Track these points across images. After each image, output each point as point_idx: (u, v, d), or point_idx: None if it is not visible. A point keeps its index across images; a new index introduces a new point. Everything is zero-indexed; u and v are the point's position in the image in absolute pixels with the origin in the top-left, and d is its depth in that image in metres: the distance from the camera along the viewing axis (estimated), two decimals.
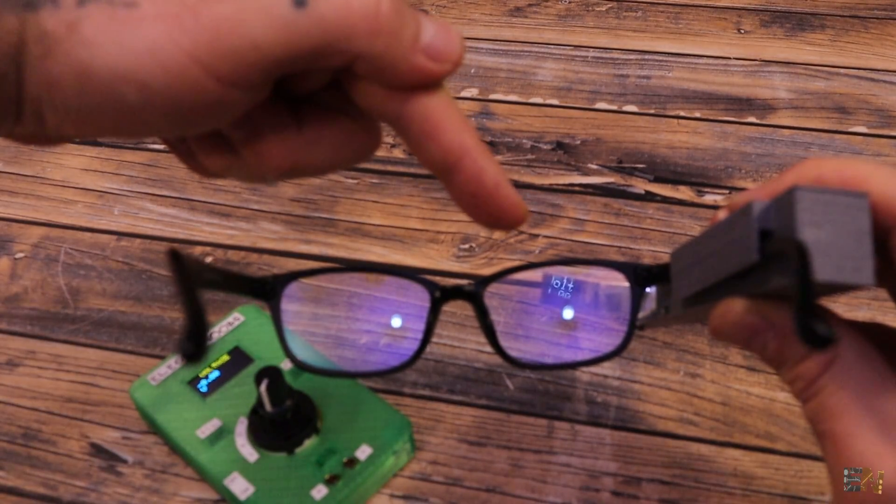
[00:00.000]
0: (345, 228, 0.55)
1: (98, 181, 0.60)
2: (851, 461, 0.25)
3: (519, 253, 0.53)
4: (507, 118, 0.65)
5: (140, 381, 0.42)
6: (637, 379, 0.45)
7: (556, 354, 0.45)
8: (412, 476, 0.41)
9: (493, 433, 0.43)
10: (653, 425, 0.43)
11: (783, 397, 0.44)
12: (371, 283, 0.50)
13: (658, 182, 0.59)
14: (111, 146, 0.63)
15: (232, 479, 0.38)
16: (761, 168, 0.60)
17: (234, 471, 0.38)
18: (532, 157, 0.61)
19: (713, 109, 0.66)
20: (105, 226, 0.56)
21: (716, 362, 0.46)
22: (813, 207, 0.24)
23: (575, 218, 0.56)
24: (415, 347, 0.35)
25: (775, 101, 0.67)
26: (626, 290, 0.33)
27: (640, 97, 0.68)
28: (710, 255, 0.28)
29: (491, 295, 0.35)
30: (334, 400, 0.41)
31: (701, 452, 0.42)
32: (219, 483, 0.38)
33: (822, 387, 0.26)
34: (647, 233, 0.54)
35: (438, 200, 0.57)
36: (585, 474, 0.41)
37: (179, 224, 0.56)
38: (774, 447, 0.42)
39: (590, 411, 0.44)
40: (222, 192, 0.58)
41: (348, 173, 0.60)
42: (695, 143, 0.63)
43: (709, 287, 0.28)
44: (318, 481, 0.38)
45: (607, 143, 0.63)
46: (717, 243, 0.27)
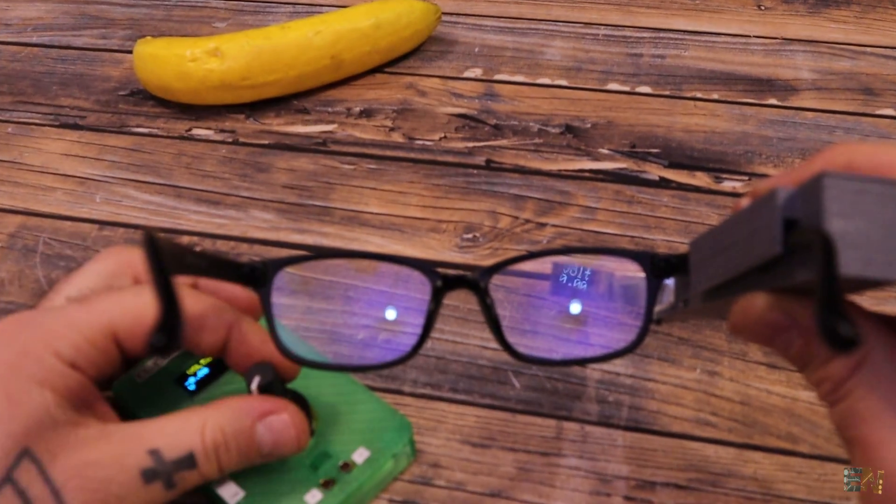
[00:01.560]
0: (341, 217, 0.55)
1: (79, 167, 0.60)
2: (883, 469, 0.25)
3: (526, 243, 0.52)
4: (512, 100, 0.65)
5: (124, 377, 0.42)
6: (651, 377, 0.45)
7: (565, 350, 0.45)
8: (412, 480, 0.41)
9: (497, 434, 0.43)
10: (668, 426, 0.43)
11: (806, 396, 0.44)
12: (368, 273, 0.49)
13: (673, 168, 0.58)
14: (92, 129, 0.63)
15: (221, 484, 0.38)
16: (783, 153, 0.60)
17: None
18: (539, 141, 0.61)
19: (732, 91, 0.66)
20: (86, 214, 0.56)
21: (734, 359, 0.45)
22: (842, 196, 0.23)
23: (585, 206, 0.55)
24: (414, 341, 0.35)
25: (798, 82, 0.66)
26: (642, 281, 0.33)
27: (654, 78, 0.67)
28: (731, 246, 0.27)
29: (496, 286, 0.35)
30: (330, 400, 0.41)
31: (719, 455, 0.41)
32: (207, 487, 0.38)
33: (850, 390, 0.26)
34: (661, 221, 0.54)
35: (440, 187, 0.57)
36: (596, 478, 0.41)
37: (165, 212, 0.56)
38: (797, 449, 0.42)
39: (601, 411, 0.43)
40: (211, 178, 0.58)
41: (345, 158, 0.59)
42: (712, 127, 0.62)
43: (729, 280, 0.28)
44: (313, 486, 0.38)
45: (619, 127, 0.62)
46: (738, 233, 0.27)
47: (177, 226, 0.55)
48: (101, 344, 0.34)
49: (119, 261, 0.39)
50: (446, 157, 0.60)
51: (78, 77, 0.69)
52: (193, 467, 0.34)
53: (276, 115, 0.64)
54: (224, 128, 0.63)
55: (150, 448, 0.33)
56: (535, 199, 0.56)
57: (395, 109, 0.64)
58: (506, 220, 0.54)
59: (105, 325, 0.35)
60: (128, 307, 0.35)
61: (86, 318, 0.34)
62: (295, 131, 0.62)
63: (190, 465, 0.34)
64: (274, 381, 0.37)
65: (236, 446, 0.35)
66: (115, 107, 0.65)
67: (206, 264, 0.32)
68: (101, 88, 0.67)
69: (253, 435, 0.35)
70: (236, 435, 0.35)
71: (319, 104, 0.65)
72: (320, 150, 0.60)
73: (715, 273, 0.29)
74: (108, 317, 0.35)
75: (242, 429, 0.35)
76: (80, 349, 0.34)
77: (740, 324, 0.28)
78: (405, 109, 0.64)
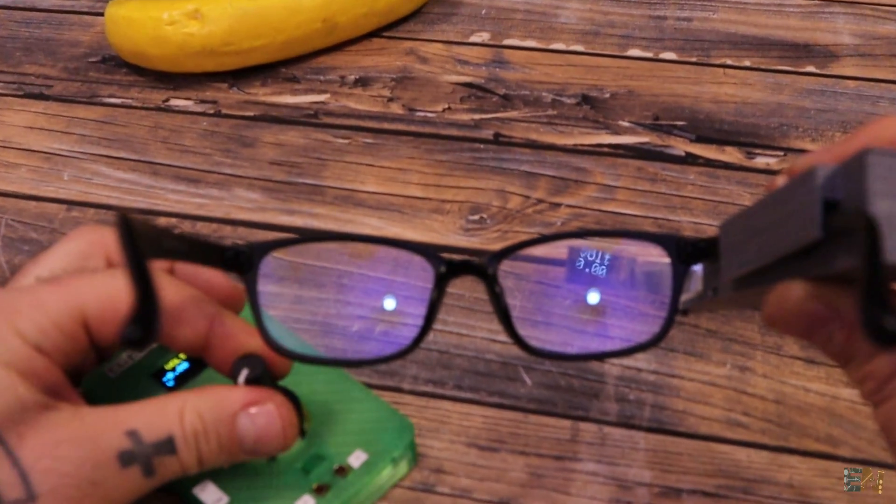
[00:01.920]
0: (334, 196, 0.55)
1: (44, 141, 0.59)
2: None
3: (538, 225, 0.52)
4: (523, 67, 0.65)
5: (94, 372, 0.42)
6: (676, 373, 0.45)
7: (582, 344, 0.44)
8: (413, 486, 0.41)
9: (507, 437, 0.43)
10: (694, 427, 0.43)
11: (848, 395, 0.44)
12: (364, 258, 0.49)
13: (701, 142, 0.58)
14: (60, 100, 0.63)
15: (202, 488, 0.38)
16: (821, 126, 0.59)
17: (205, 478, 0.38)
18: (553, 112, 0.61)
19: (765, 57, 0.65)
20: (53, 193, 0.56)
21: (768, 353, 0.45)
22: (888, 175, 0.23)
23: (603, 184, 0.55)
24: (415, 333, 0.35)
25: (838, 48, 0.66)
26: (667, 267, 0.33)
27: (679, 43, 0.67)
28: (766, 230, 0.27)
29: (506, 273, 0.35)
30: (323, 398, 0.41)
31: (751, 459, 0.41)
32: (187, 492, 0.38)
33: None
34: (687, 201, 0.54)
35: (443, 164, 0.57)
36: (615, 485, 0.41)
37: (140, 191, 0.56)
38: (837, 453, 0.41)
39: (621, 411, 0.43)
40: (190, 153, 0.58)
41: (338, 132, 0.59)
42: (744, 97, 0.62)
43: (763, 267, 0.28)
44: (305, 491, 0.38)
45: (641, 97, 0.62)
46: (773, 215, 0.27)
47: (153, 206, 0.54)
48: (69, 328, 0.34)
49: (91, 240, 0.38)
50: (450, 130, 0.59)
51: (43, 42, 0.69)
52: (173, 453, 0.33)
53: (263, 84, 0.64)
54: (205, 98, 0.63)
55: (127, 429, 0.33)
56: (549, 177, 0.56)
57: (394, 78, 0.64)
58: (516, 200, 0.54)
59: (74, 308, 0.34)
60: (100, 291, 0.35)
61: (53, 298, 0.34)
62: (283, 102, 0.62)
63: (170, 450, 0.33)
64: (263, 376, 0.37)
65: (216, 436, 0.35)
66: (85, 75, 0.65)
67: (186, 248, 0.32)
68: (69, 55, 0.67)
69: (234, 425, 0.35)
70: (216, 424, 0.34)
71: (310, 72, 0.65)
72: (311, 123, 0.60)
73: (747, 259, 0.28)
74: (77, 299, 0.34)
75: (223, 418, 0.35)
76: (45, 332, 0.33)
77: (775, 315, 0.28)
78: (405, 78, 0.64)
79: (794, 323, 0.28)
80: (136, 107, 0.62)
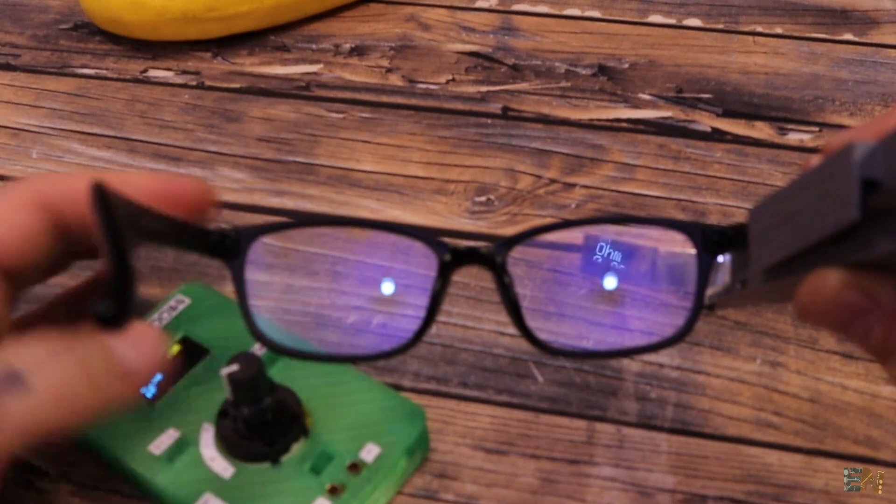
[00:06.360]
0: (327, 176, 0.55)
1: (11, 115, 0.59)
2: None
3: (550, 208, 0.52)
4: (535, 35, 0.65)
5: None
6: (701, 369, 0.45)
7: (598, 338, 0.45)
8: (414, 493, 0.41)
9: (516, 438, 0.43)
10: (721, 428, 0.43)
11: (889, 392, 0.44)
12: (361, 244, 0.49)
13: (728, 117, 0.58)
14: (28, 70, 0.63)
15: (204, 503, 0.38)
16: (860, 99, 0.59)
17: (206, 491, 0.38)
18: (567, 84, 0.61)
19: (799, 24, 0.65)
20: (20, 172, 0.56)
21: (802, 347, 0.45)
22: None
23: (622, 163, 0.55)
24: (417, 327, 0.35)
25: (878, 13, 0.66)
26: (692, 257, 0.33)
27: (705, 8, 0.67)
28: (799, 213, 0.27)
29: (516, 261, 0.35)
30: (322, 391, 0.41)
31: (783, 463, 0.41)
32: None
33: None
34: (714, 182, 0.54)
35: (447, 140, 0.57)
36: (635, 490, 0.41)
37: (116, 170, 0.56)
38: (877, 456, 0.41)
39: (641, 410, 0.43)
40: (170, 129, 0.58)
41: (332, 105, 0.59)
42: (775, 67, 0.62)
43: (797, 254, 0.28)
44: (318, 494, 0.38)
45: (663, 67, 0.62)
46: (807, 197, 0.27)
47: None
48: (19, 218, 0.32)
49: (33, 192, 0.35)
50: (454, 103, 0.59)
51: (10, 7, 0.68)
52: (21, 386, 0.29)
53: (250, 54, 0.64)
54: (187, 69, 0.63)
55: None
56: (562, 155, 0.56)
57: (393, 46, 0.64)
58: (526, 180, 0.54)
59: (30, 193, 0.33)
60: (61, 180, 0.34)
61: None
62: (272, 73, 0.62)
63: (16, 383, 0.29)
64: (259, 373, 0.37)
65: None
66: (56, 43, 0.65)
67: (166, 229, 0.32)
68: (38, 21, 0.67)
69: None
70: None
71: (302, 40, 0.65)
72: (302, 96, 0.60)
73: (779, 246, 0.29)
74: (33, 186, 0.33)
75: None
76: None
77: (809, 305, 0.28)
78: (405, 46, 0.64)
79: (830, 315, 0.28)
80: (112, 78, 0.62)
